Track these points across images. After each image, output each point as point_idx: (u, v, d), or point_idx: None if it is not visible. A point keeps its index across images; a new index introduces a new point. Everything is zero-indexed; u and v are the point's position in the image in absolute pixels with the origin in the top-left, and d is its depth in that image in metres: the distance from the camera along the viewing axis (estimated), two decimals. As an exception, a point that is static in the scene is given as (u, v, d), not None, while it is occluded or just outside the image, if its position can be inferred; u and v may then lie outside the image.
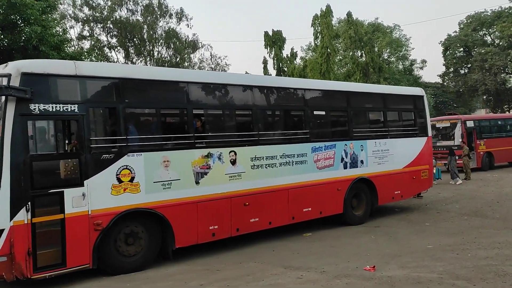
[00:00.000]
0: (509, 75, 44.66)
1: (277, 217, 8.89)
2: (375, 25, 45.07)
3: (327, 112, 10.45)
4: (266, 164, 8.72)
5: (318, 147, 9.65)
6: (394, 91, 13.07)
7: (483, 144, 22.26)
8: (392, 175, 11.16)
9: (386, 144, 11.13)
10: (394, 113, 12.04)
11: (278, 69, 33.50)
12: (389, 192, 11.21)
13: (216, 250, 8.35)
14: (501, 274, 6.09)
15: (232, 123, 8.90)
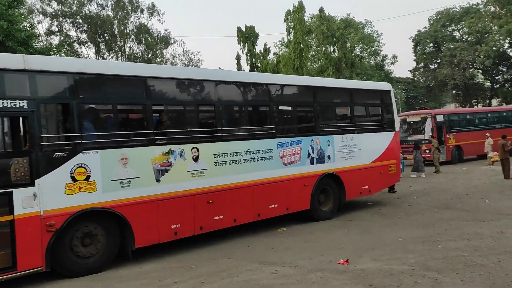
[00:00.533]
0: (477, 70, 45.95)
1: (242, 214, 8.70)
2: (347, 20, 45.52)
3: (293, 107, 10.36)
4: (230, 160, 8.53)
5: (284, 143, 9.53)
6: (361, 86, 13.08)
7: (453, 138, 22.81)
8: (359, 170, 11.14)
9: (354, 139, 11.10)
10: (361, 108, 12.02)
11: (251, 65, 33.39)
12: (356, 187, 11.17)
13: (191, 247, 8.20)
14: (470, 264, 6.14)
15: (194, 119, 8.70)
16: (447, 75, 43.52)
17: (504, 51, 42.63)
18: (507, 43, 42.61)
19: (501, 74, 45.40)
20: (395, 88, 51.49)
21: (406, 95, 61.67)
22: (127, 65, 12.53)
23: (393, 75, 52.33)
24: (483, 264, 6.15)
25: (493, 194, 12.68)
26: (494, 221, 9.16)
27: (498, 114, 26.52)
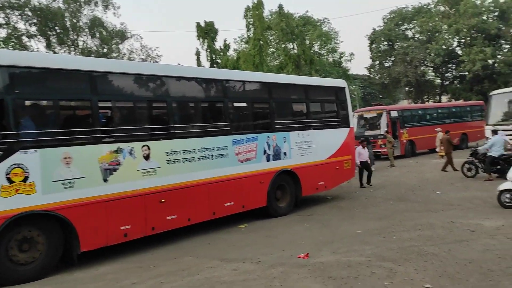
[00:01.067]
0: (428, 67, 47.82)
1: (196, 213, 8.56)
2: (305, 18, 46.07)
3: (249, 103, 10.34)
4: (183, 158, 8.35)
5: (240, 140, 9.47)
6: (316, 82, 13.20)
7: (406, 132, 23.66)
8: (315, 166, 11.25)
9: (309, 136, 11.18)
10: (316, 104, 12.15)
11: (211, 61, 33.12)
12: (313, 183, 11.28)
13: (149, 246, 8.09)
14: (423, 254, 6.44)
15: (145, 115, 8.45)
16: (400, 72, 45.05)
17: (453, 49, 44.60)
18: (455, 42, 44.62)
19: (450, 71, 47.48)
20: (352, 85, 52.79)
21: (363, 92, 63.39)
22: (70, 58, 11.97)
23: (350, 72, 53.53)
24: (435, 253, 6.46)
25: (444, 186, 13.29)
26: (445, 211, 9.62)
27: (448, 110, 27.76)
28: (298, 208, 11.12)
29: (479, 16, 40.30)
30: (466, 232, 7.64)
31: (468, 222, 8.37)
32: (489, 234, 7.35)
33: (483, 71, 39.45)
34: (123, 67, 8.51)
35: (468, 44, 41.69)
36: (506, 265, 5.70)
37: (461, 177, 14.58)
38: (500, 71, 39.09)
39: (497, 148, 13.64)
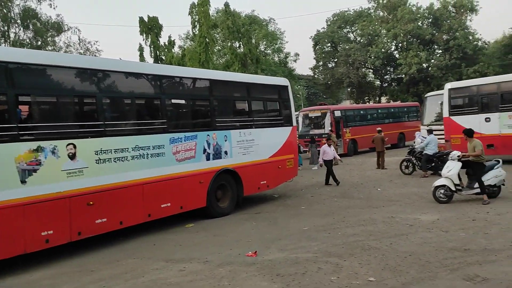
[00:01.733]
0: (368, 69, 49.75)
1: (129, 215, 8.10)
2: (251, 17, 46.27)
3: (187, 100, 10.01)
4: (115, 157, 7.84)
5: (177, 138, 9.10)
6: (258, 80, 13.02)
7: (349, 132, 24.47)
8: (257, 166, 11.12)
9: (251, 134, 11.02)
10: (259, 102, 11.99)
11: (155, 57, 32.34)
12: (255, 183, 11.12)
13: (90, 249, 7.73)
14: (367, 248, 6.69)
15: (70, 111, 7.88)
16: (343, 74, 46.52)
17: (391, 53, 46.73)
18: (393, 46, 46.77)
19: (389, 74, 49.69)
20: (297, 85, 53.76)
21: (307, 92, 64.81)
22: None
23: (296, 72, 54.52)
24: (378, 247, 6.70)
25: (384, 183, 13.87)
26: (385, 207, 10.02)
27: (387, 110, 29.06)
28: (245, 206, 11.14)
29: (414, 22, 42.52)
30: (405, 226, 8.01)
31: (407, 217, 8.78)
32: (426, 228, 7.75)
33: (418, 74, 41.67)
34: (45, 59, 7.66)
35: (404, 48, 43.84)
36: (443, 257, 6.03)
37: (399, 174, 15.29)
38: (434, 75, 41.47)
39: (432, 146, 14.45)
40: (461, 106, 16.99)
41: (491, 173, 9.91)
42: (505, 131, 15.16)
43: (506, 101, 15.64)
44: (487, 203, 9.44)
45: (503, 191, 10.23)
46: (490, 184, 9.86)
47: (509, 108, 15.41)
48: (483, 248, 6.30)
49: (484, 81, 17.33)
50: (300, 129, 24.78)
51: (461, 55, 41.11)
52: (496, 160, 10.27)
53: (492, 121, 15.56)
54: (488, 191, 9.82)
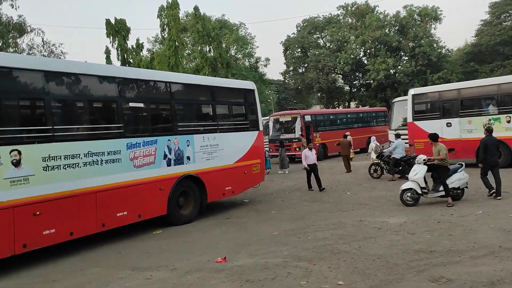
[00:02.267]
0: (338, 75, 50.56)
1: (81, 225, 7.64)
2: (222, 21, 46.28)
3: (146, 104, 9.52)
4: (65, 164, 7.38)
5: (135, 143, 8.68)
6: (224, 83, 12.82)
7: (319, 136, 24.69)
8: (222, 171, 10.84)
9: (216, 139, 10.73)
10: (224, 106, 11.75)
11: (122, 60, 31.80)
12: (219, 189, 10.84)
13: (52, 258, 7.46)
14: (336, 252, 6.72)
15: (15, 115, 7.30)
16: (313, 79, 47.10)
17: (360, 59, 47.69)
18: (362, 52, 47.73)
19: (358, 79, 50.68)
20: (268, 90, 54.02)
21: (278, 96, 65.22)
22: None
23: (266, 77, 54.81)
24: (347, 250, 6.74)
25: (353, 186, 14.04)
26: (355, 210, 10.13)
27: (356, 115, 29.54)
28: (214, 212, 11.05)
29: (382, 29, 43.60)
30: (374, 229, 8.10)
31: (375, 220, 8.90)
32: (393, 231, 7.87)
33: (386, 80, 42.70)
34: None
35: (372, 55, 44.86)
36: (409, 259, 6.12)
37: (368, 178, 15.52)
38: (400, 81, 42.58)
39: (399, 150, 14.75)
40: (424, 112, 17.54)
41: (455, 176, 10.18)
42: (465, 136, 15.73)
43: (465, 107, 16.32)
44: (451, 206, 9.68)
45: (466, 193, 10.52)
46: (454, 186, 10.13)
47: (468, 114, 16.06)
48: (447, 250, 6.44)
49: (446, 88, 17.88)
50: (271, 134, 24.88)
51: (426, 62, 42.44)
52: (459, 163, 10.57)
53: (453, 126, 16.10)
54: (453, 193, 10.08)
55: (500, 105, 15.50)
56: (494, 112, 15.58)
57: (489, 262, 5.74)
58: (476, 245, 6.57)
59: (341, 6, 49.38)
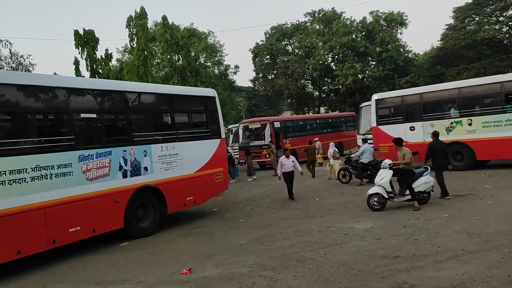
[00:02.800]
0: (307, 81, 51.07)
1: (29, 243, 7.26)
2: (190, 30, 46.09)
3: (99, 114, 9.10)
4: (10, 179, 7.02)
5: (88, 155, 8.35)
6: (182, 91, 12.50)
7: (288, 142, 24.79)
8: (182, 181, 10.57)
9: (175, 148, 10.47)
10: (183, 115, 11.50)
11: (92, 71, 31.25)
12: (180, 199, 10.59)
13: (13, 274, 7.17)
14: (302, 260, 6.67)
15: None
16: (282, 85, 47.40)
17: (328, 64, 48.29)
18: (330, 58, 48.42)
19: (327, 84, 51.29)
20: (238, 97, 54.03)
21: (249, 103, 65.33)
22: None
23: (236, 84, 54.83)
24: (312, 258, 6.72)
25: (322, 192, 14.11)
26: (322, 217, 10.16)
27: (325, 121, 29.89)
28: (182, 222, 10.89)
29: (349, 35, 44.34)
30: (340, 235, 8.12)
31: (342, 226, 8.93)
32: (360, 236, 7.90)
33: (355, 84, 43.39)
34: None
35: (340, 60, 45.52)
36: (374, 265, 6.14)
37: (337, 183, 15.66)
38: (369, 85, 43.35)
39: (367, 155, 14.96)
40: (388, 116, 17.89)
41: (420, 180, 10.37)
42: (428, 139, 16.05)
43: (428, 110, 16.74)
44: (418, 209, 9.84)
45: (432, 197, 10.73)
46: (420, 190, 10.30)
47: (431, 117, 16.47)
48: (412, 255, 6.49)
49: (408, 92, 18.24)
50: (241, 141, 24.84)
51: (394, 66, 43.39)
52: (424, 167, 10.79)
53: (416, 129, 16.49)
54: (419, 197, 10.26)
55: (461, 108, 15.95)
56: (456, 115, 16.03)
57: (451, 266, 5.81)
58: (440, 249, 6.66)
59: (308, 13, 50.00)
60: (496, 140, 14.93)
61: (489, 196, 10.55)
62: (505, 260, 5.81)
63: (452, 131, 16.00)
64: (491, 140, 15.05)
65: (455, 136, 15.87)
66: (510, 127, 14.71)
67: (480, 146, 15.31)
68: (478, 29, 39.15)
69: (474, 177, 13.90)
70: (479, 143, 15.33)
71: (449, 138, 15.77)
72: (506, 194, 10.58)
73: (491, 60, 39.30)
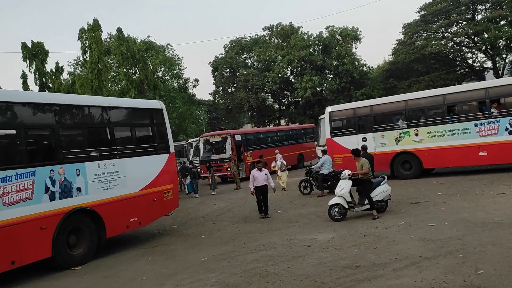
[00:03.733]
0: (267, 94, 51.53)
1: None
2: (147, 43, 45.52)
3: (19, 130, 7.98)
4: None
5: (5, 177, 7.43)
6: (123, 104, 11.52)
7: (250, 155, 24.78)
8: (124, 201, 9.73)
9: (115, 166, 9.63)
10: (125, 129, 10.64)
11: (41, 85, 30.09)
12: (121, 221, 9.71)
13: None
14: (265, 275, 6.58)
15: None
16: (242, 98, 47.60)
17: (287, 77, 49.04)
18: (289, 71, 49.16)
19: (286, 97, 51.96)
20: (198, 110, 53.66)
21: (209, 117, 65.06)
22: None
23: (196, 97, 54.51)
24: (276, 272, 6.63)
25: (284, 204, 14.10)
26: (285, 229, 10.11)
27: (286, 133, 30.12)
28: (140, 241, 10.53)
29: (307, 49, 45.28)
30: (303, 247, 8.09)
31: (304, 237, 8.91)
32: (322, 248, 7.90)
33: (313, 97, 44.23)
34: None
35: (299, 73, 46.35)
36: (336, 276, 6.13)
37: (298, 195, 15.70)
38: (327, 97, 44.29)
39: (327, 166, 15.11)
40: (341, 128, 18.41)
41: (378, 189, 10.55)
42: (379, 150, 16.63)
43: (378, 122, 17.39)
44: (376, 218, 9.99)
45: (390, 205, 10.93)
46: (378, 199, 10.48)
47: (381, 129, 17.11)
48: (372, 263, 6.54)
49: (360, 105, 18.86)
50: (202, 155, 24.58)
51: (350, 79, 44.62)
52: (382, 176, 11.00)
53: (368, 140, 16.96)
54: (377, 206, 10.43)
55: (409, 119, 16.65)
56: (404, 127, 16.70)
57: (410, 273, 5.89)
58: (399, 256, 6.75)
59: (266, 27, 50.81)
60: (440, 149, 15.69)
61: (442, 203, 10.87)
62: (460, 265, 5.95)
63: (400, 141, 16.64)
64: (436, 149, 15.78)
65: (404, 146, 16.53)
66: (452, 137, 15.52)
67: (426, 155, 16.01)
68: (426, 44, 40.99)
69: (427, 185, 14.34)
70: (425, 152, 16.01)
71: (398, 148, 16.56)
72: (457, 201, 10.94)
73: (438, 73, 41.28)
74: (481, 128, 14.98)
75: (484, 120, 14.97)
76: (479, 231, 7.70)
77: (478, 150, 14.98)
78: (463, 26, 40.61)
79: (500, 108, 14.89)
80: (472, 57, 43.54)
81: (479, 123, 15.02)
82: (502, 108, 14.88)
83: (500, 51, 39.50)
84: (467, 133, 15.22)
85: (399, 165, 16.61)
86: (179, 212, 13.54)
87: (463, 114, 15.70)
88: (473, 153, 15.06)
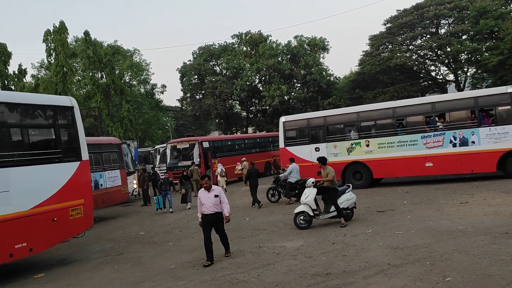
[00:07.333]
0: (235, 101, 51.56)
1: None
2: (115, 47, 44.74)
3: None
4: None
5: None
6: (13, 98, 8.89)
7: (217, 162, 24.65)
8: (6, 223, 7.67)
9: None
10: (11, 130, 8.54)
11: (3, 87, 29.03)
12: (2, 249, 7.64)
13: None
14: (235, 282, 6.51)
15: None
16: (210, 105, 47.40)
17: (255, 85, 49.28)
18: (257, 79, 49.44)
19: (254, 105, 52.17)
20: (165, 116, 53.00)
21: (176, 123, 64.36)
22: None
23: (163, 104, 53.89)
24: (245, 280, 6.59)
25: (252, 212, 14.08)
26: (253, 237, 10.08)
27: (253, 141, 30.20)
28: (105, 248, 10.20)
29: (275, 58, 45.74)
30: (272, 255, 8.07)
31: (273, 245, 8.91)
32: (291, 255, 7.91)
33: (281, 105, 44.59)
34: None
35: (267, 82, 46.67)
36: (306, 284, 6.14)
37: (266, 203, 15.71)
38: (294, 106, 44.78)
39: (294, 174, 15.22)
40: (295, 138, 18.79)
41: (343, 197, 10.69)
42: (332, 159, 16.94)
43: (331, 133, 17.93)
44: (344, 226, 10.11)
45: (357, 213, 11.12)
46: (343, 207, 10.62)
47: (333, 139, 17.63)
48: (342, 271, 6.60)
49: (313, 115, 19.39)
50: (168, 161, 24.23)
51: (317, 88, 45.32)
52: (347, 185, 11.20)
53: (321, 150, 17.35)
54: (344, 214, 10.57)
55: (360, 130, 17.24)
56: (355, 137, 17.22)
57: (379, 281, 5.98)
58: (368, 264, 6.85)
59: (235, 35, 50.96)
60: (390, 159, 16.31)
61: (408, 211, 11.16)
62: (428, 273, 6.09)
63: (352, 151, 17.16)
64: (386, 159, 16.39)
65: (355, 156, 17.05)
66: (401, 148, 16.19)
67: (377, 165, 16.59)
68: (391, 56, 42.27)
69: (392, 194, 14.69)
70: (375, 162, 16.60)
71: (350, 158, 17.08)
72: (423, 209, 11.25)
73: (403, 85, 42.60)
74: (428, 140, 15.73)
75: (430, 132, 15.72)
76: (445, 239, 7.92)
77: (425, 161, 15.72)
78: (427, 40, 42.17)
79: (445, 122, 15.79)
80: (435, 70, 45.31)
81: (426, 135, 15.77)
82: (446, 122, 15.77)
83: (461, 64, 41.25)
84: (415, 144, 15.95)
85: (350, 175, 17.09)
86: (145, 220, 13.25)
87: (411, 127, 16.39)
88: (420, 163, 15.78)
